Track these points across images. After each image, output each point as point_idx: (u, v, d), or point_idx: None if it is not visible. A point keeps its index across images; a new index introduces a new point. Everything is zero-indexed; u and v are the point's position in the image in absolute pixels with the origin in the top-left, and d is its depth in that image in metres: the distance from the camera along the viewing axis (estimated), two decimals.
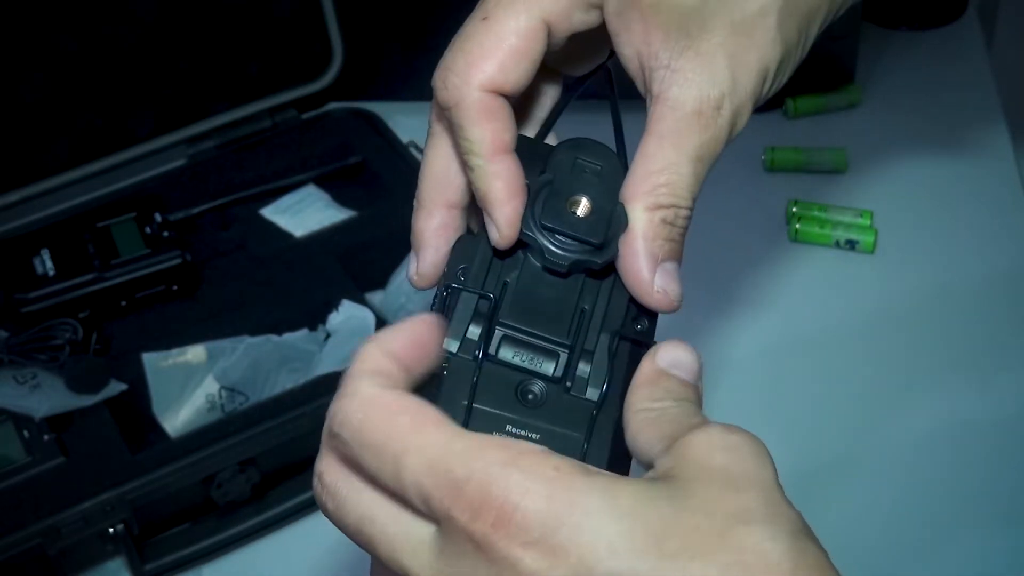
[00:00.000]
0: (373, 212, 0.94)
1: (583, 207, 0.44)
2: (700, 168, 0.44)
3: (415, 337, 0.42)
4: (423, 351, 0.42)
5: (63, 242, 0.87)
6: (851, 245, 0.94)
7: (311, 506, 0.79)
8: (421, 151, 1.01)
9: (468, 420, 0.42)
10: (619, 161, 0.46)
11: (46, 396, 0.78)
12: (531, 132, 0.50)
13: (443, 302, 0.45)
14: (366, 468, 0.38)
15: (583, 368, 0.43)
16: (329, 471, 0.40)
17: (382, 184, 0.96)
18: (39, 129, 0.93)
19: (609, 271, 0.45)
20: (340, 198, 0.96)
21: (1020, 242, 0.95)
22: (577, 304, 0.44)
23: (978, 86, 1.08)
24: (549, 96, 0.51)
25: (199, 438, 0.78)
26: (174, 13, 0.94)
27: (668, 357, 0.43)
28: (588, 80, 0.51)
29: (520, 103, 0.51)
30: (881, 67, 1.10)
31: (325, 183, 0.97)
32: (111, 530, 0.74)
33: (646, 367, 0.42)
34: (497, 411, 0.43)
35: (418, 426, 0.38)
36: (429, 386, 0.43)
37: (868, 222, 0.95)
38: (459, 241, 0.47)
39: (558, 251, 0.44)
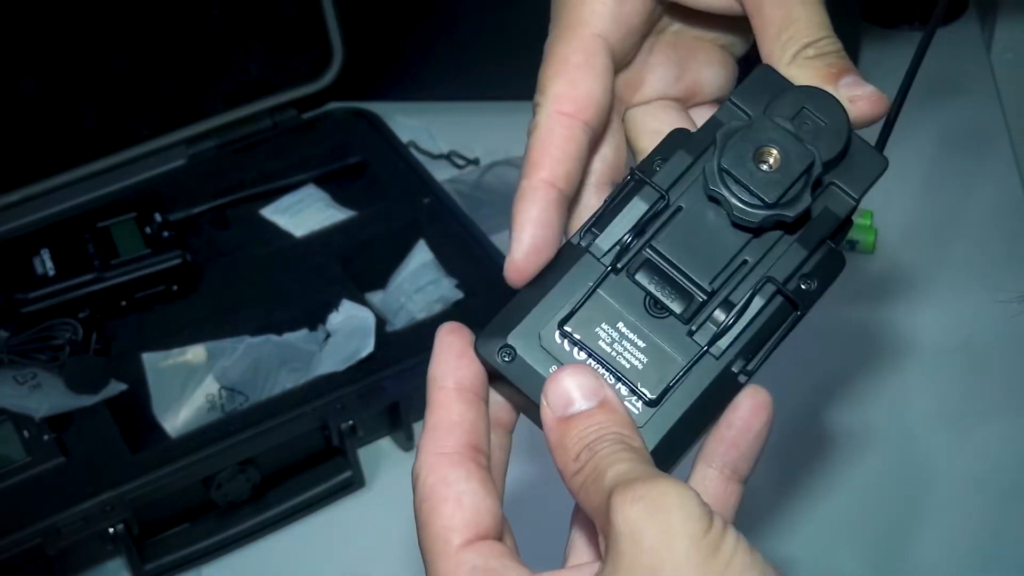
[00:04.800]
0: (373, 212, 0.94)
1: (773, 159, 0.41)
2: (816, 3, 0.44)
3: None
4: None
5: (63, 242, 0.87)
6: (851, 245, 0.94)
7: (311, 506, 0.80)
8: (421, 151, 1.01)
9: (585, 300, 0.41)
10: (848, 123, 0.43)
11: (46, 396, 0.78)
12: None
13: (623, 186, 0.43)
14: None
15: (718, 315, 0.42)
16: None
17: (382, 184, 0.96)
18: (39, 129, 0.93)
19: (801, 224, 0.42)
20: (340, 198, 0.96)
21: (1020, 242, 0.95)
22: (738, 255, 0.42)
23: (978, 86, 1.08)
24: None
25: (199, 438, 0.78)
26: (174, 13, 0.94)
27: (555, 396, 0.39)
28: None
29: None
30: (881, 67, 1.10)
31: (325, 183, 0.97)
32: (111, 530, 0.74)
33: (548, 419, 0.39)
34: (617, 305, 0.41)
35: None
36: (562, 257, 0.42)
37: (868, 222, 0.95)
38: (673, 132, 0.44)
39: (746, 207, 0.41)
